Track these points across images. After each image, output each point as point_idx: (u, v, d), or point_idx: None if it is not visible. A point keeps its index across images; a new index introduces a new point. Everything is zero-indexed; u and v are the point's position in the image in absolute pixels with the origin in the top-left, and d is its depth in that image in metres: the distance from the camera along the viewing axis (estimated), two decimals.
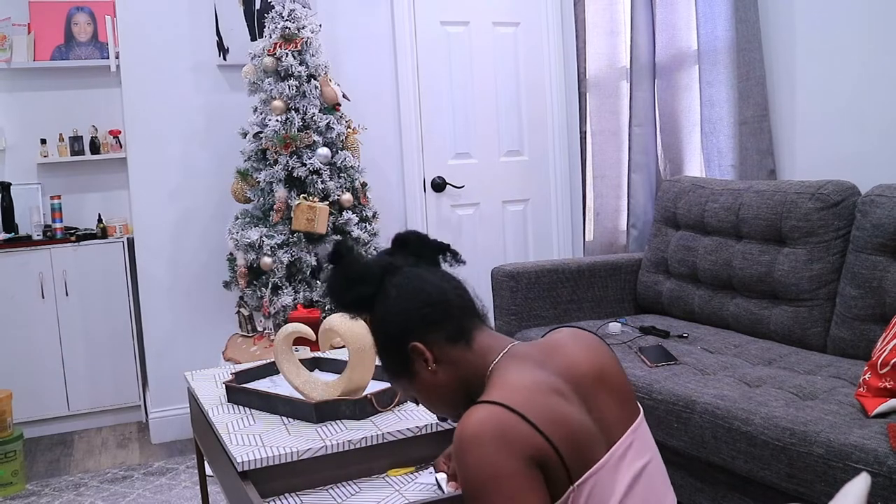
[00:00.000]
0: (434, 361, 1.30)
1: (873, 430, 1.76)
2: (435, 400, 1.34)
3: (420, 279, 1.34)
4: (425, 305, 1.31)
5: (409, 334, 1.30)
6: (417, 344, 1.29)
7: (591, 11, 3.85)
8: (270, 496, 1.60)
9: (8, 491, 3.03)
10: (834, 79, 2.82)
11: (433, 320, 1.30)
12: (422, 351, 1.29)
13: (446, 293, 1.33)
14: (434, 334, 1.30)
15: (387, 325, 1.32)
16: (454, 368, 1.31)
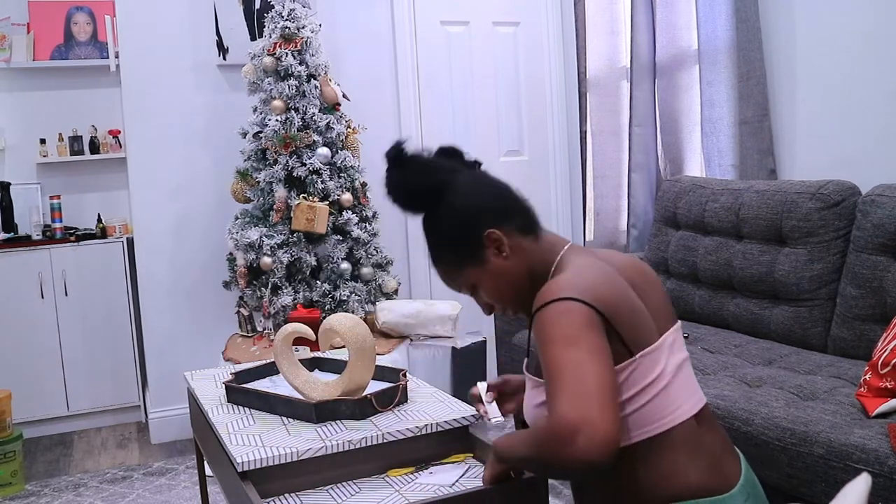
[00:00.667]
0: (509, 249, 1.39)
1: (874, 430, 1.76)
2: (503, 287, 1.41)
3: (485, 177, 1.44)
4: (499, 197, 1.41)
5: (485, 221, 1.38)
6: (494, 230, 1.37)
7: (592, 11, 3.85)
8: (270, 496, 1.60)
9: (7, 491, 3.03)
10: (834, 79, 2.82)
11: (507, 211, 1.40)
12: (498, 237, 1.38)
13: (511, 190, 1.43)
14: (508, 224, 1.39)
15: (460, 216, 1.39)
16: (524, 257, 1.40)
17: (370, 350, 1.81)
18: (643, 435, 1.29)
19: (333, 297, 3.13)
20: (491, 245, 1.39)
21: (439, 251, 1.44)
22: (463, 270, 1.43)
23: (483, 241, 1.39)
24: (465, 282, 1.45)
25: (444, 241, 1.43)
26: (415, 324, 3.11)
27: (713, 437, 1.37)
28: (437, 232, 1.43)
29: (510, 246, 1.40)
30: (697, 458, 1.31)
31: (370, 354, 1.81)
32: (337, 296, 3.13)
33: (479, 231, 1.39)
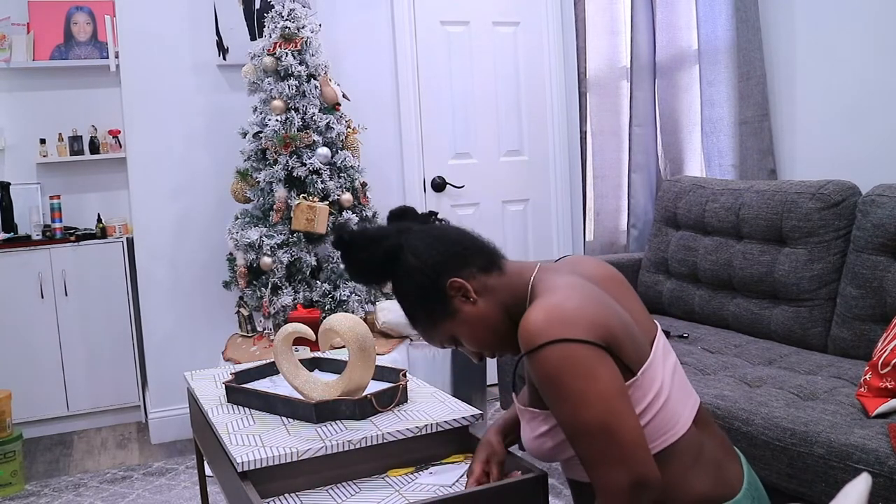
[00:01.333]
0: (474, 294, 1.36)
1: (874, 430, 1.75)
2: (481, 332, 1.39)
3: (436, 229, 1.43)
4: (452, 245, 1.39)
5: (443, 274, 1.36)
6: (456, 279, 1.36)
7: (592, 11, 3.85)
8: (270, 496, 1.60)
9: (7, 491, 3.03)
10: (834, 79, 2.82)
11: (463, 256, 1.38)
12: (461, 285, 1.36)
13: (465, 233, 1.43)
14: (467, 269, 1.37)
15: (418, 274, 1.37)
16: (494, 296, 1.38)
17: (370, 350, 1.81)
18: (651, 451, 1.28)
19: (333, 297, 3.13)
20: (456, 294, 1.37)
21: (412, 313, 1.43)
22: (438, 326, 1.40)
23: (447, 292, 1.37)
24: (443, 337, 1.42)
25: (413, 302, 1.41)
26: None
27: (713, 442, 1.36)
28: (403, 295, 1.42)
29: (475, 290, 1.37)
30: (700, 466, 1.30)
31: (370, 354, 1.81)
32: (337, 296, 3.12)
33: (441, 283, 1.37)
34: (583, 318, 1.22)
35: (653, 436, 1.28)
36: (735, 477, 1.33)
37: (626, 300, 1.38)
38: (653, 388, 1.28)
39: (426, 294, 1.38)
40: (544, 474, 1.49)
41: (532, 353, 1.21)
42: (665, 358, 1.35)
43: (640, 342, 1.30)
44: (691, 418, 1.32)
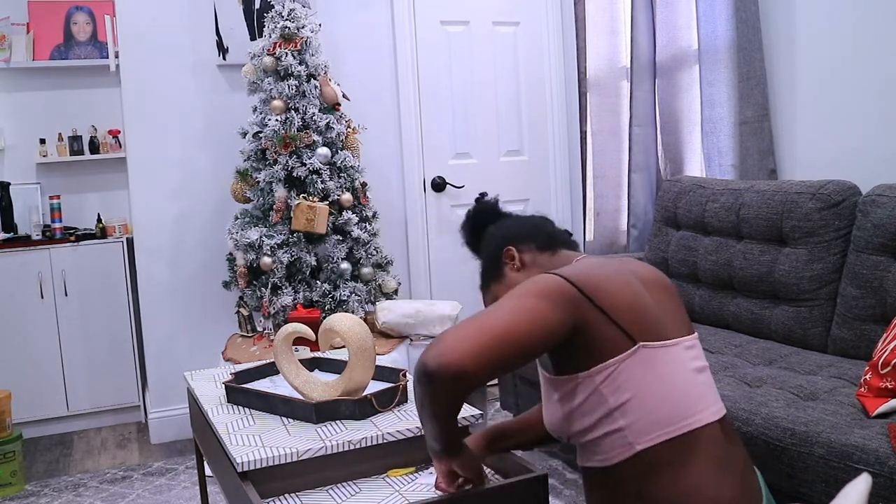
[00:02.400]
0: (521, 263, 1.56)
1: (874, 430, 1.75)
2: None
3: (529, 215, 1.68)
4: (525, 224, 1.62)
5: (506, 242, 1.58)
6: (510, 248, 1.57)
7: (592, 11, 3.85)
8: (270, 496, 1.60)
9: (7, 491, 3.03)
10: (834, 79, 2.82)
11: (528, 233, 1.59)
12: (512, 253, 1.57)
13: (546, 219, 1.65)
14: (528, 244, 1.58)
15: (492, 239, 1.61)
16: (538, 270, 1.54)
17: (370, 350, 1.81)
18: (665, 436, 1.29)
19: (333, 297, 3.13)
20: (508, 261, 1.57)
21: (481, 276, 1.64)
22: (489, 287, 1.61)
23: (502, 258, 1.58)
24: (490, 298, 1.61)
25: (482, 265, 1.63)
26: (415, 324, 3.11)
27: (737, 452, 1.37)
28: (481, 259, 1.64)
29: (522, 260, 1.56)
30: (727, 472, 1.30)
31: (370, 354, 1.81)
32: (337, 296, 3.12)
33: (499, 250, 1.59)
34: (577, 270, 1.37)
35: (667, 419, 1.30)
36: (756, 491, 1.34)
37: (664, 299, 1.43)
38: (664, 364, 1.32)
39: (490, 257, 1.60)
40: (544, 474, 1.49)
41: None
42: (691, 357, 1.39)
43: (656, 323, 1.35)
44: (713, 418, 1.34)
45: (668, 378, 1.31)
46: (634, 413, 1.30)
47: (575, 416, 1.36)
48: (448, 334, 1.23)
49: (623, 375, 1.31)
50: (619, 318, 1.31)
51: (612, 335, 1.31)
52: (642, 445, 1.30)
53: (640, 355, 1.31)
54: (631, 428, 1.31)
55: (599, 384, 1.32)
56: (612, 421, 1.32)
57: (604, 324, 1.31)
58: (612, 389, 1.31)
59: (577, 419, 1.36)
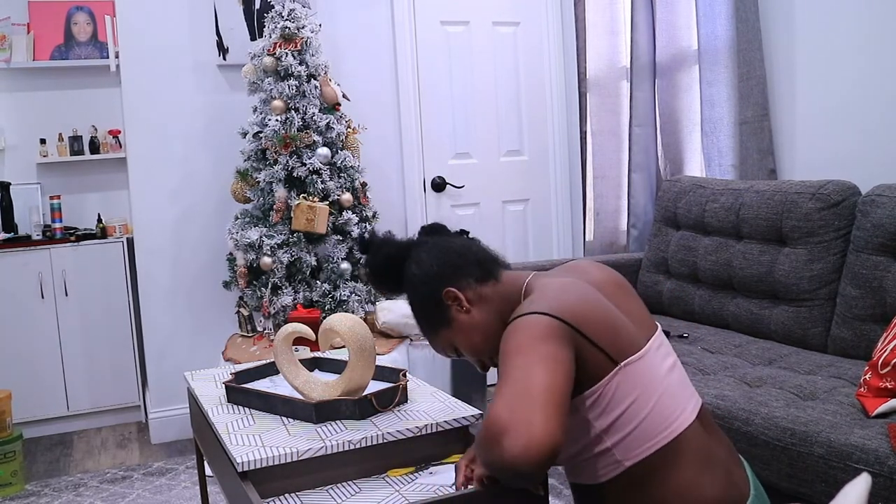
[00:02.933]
0: (468, 302, 1.44)
1: (874, 430, 1.76)
2: (476, 339, 1.45)
3: (445, 241, 1.51)
4: (451, 255, 1.47)
5: (441, 284, 1.44)
6: (451, 289, 1.44)
7: (592, 11, 3.85)
8: (270, 496, 1.60)
9: (7, 491, 3.03)
10: (834, 79, 2.82)
11: (460, 266, 1.46)
12: (455, 294, 1.44)
13: (469, 246, 1.51)
14: (464, 279, 1.45)
15: (420, 283, 1.46)
16: (488, 305, 1.44)
17: (370, 350, 1.81)
18: (653, 448, 1.29)
19: (333, 297, 3.13)
20: (452, 303, 1.45)
21: (417, 322, 1.52)
22: (438, 334, 1.49)
23: (443, 302, 1.45)
24: (444, 345, 1.50)
25: (416, 311, 1.50)
26: (415, 324, 3.10)
27: (720, 446, 1.36)
28: (410, 303, 1.50)
29: (469, 299, 1.44)
30: (710, 469, 1.30)
31: (370, 354, 1.81)
32: (337, 296, 3.13)
33: (437, 294, 1.45)
34: (555, 300, 1.30)
35: (654, 429, 1.29)
36: (743, 483, 1.33)
37: (623, 300, 1.41)
38: (644, 379, 1.30)
39: (425, 302, 1.46)
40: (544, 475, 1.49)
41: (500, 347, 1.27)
42: (662, 356, 1.36)
43: (629, 337, 1.32)
44: (693, 416, 1.33)
45: (648, 390, 1.30)
46: (620, 432, 1.29)
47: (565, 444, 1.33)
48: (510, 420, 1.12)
49: (606, 398, 1.30)
50: (602, 343, 1.29)
51: (595, 360, 1.29)
52: (631, 462, 1.29)
53: (621, 375, 1.30)
54: (618, 447, 1.30)
55: (584, 411, 1.30)
56: (599, 443, 1.31)
57: (589, 350, 1.28)
58: (596, 414, 1.30)
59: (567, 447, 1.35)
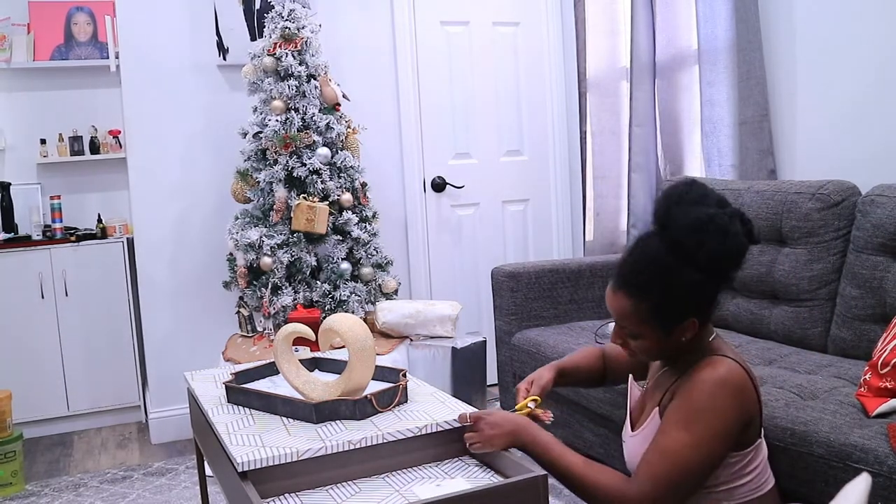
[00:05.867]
0: (689, 340, 1.56)
1: (874, 430, 1.76)
2: (660, 353, 1.60)
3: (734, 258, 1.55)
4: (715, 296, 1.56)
5: (695, 311, 1.53)
6: (695, 320, 1.54)
7: (591, 11, 3.85)
8: (270, 496, 1.60)
9: (7, 491, 3.03)
10: (834, 79, 2.82)
11: (711, 309, 1.57)
12: (693, 328, 1.55)
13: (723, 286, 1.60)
14: (705, 318, 1.57)
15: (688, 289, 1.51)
16: (684, 345, 1.58)
17: (370, 350, 1.81)
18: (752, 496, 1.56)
19: (333, 297, 3.13)
20: (685, 329, 1.54)
21: (647, 292, 1.53)
22: (644, 321, 1.55)
23: (682, 320, 1.53)
24: (634, 327, 1.57)
25: (660, 292, 1.52)
26: (415, 324, 3.11)
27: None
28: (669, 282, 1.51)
29: (691, 339, 1.57)
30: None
31: (370, 354, 1.81)
32: (337, 296, 3.13)
33: (687, 315, 1.53)
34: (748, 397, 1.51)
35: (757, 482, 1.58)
36: None
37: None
38: (763, 448, 1.60)
39: (673, 304, 1.52)
40: (544, 475, 1.49)
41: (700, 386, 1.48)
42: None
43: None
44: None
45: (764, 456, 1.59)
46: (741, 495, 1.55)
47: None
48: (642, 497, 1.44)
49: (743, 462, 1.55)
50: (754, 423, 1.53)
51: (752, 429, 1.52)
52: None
53: (757, 449, 1.54)
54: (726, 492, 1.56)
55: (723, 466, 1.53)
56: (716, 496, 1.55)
57: (755, 415, 1.52)
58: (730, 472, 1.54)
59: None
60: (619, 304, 1.56)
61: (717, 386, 1.46)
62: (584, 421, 2.71)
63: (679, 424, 1.45)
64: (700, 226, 1.48)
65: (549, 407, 2.89)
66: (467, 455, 1.75)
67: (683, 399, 1.48)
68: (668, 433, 1.46)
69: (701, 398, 1.46)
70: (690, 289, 1.51)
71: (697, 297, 1.53)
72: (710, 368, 1.49)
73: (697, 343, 1.59)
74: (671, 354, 1.61)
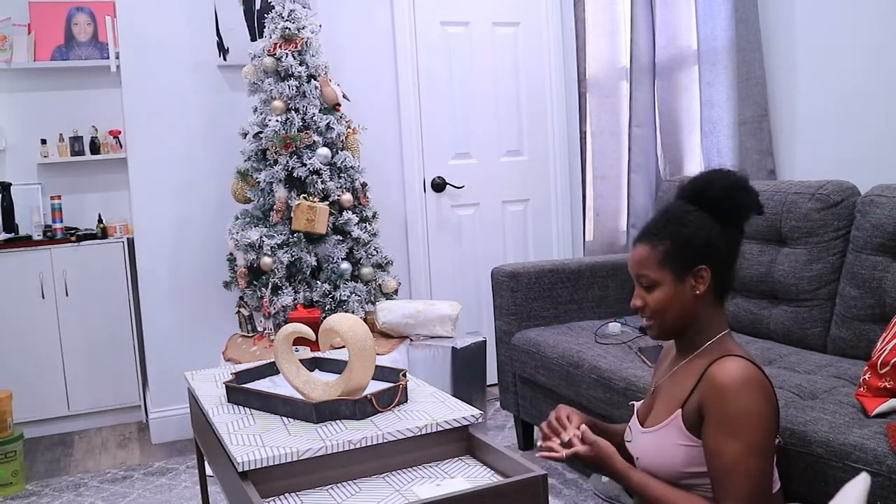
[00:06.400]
0: (702, 294, 1.61)
1: (873, 430, 1.76)
2: (674, 309, 1.63)
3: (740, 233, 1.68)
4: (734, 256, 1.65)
5: (708, 258, 1.60)
6: (707, 268, 1.60)
7: (591, 11, 3.85)
8: (270, 496, 1.60)
9: (8, 491, 3.04)
10: (834, 79, 2.83)
11: (727, 268, 1.64)
12: (705, 276, 1.61)
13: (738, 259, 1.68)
14: (717, 277, 1.62)
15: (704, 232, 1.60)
16: (703, 306, 1.62)
17: (370, 350, 1.82)
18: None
19: (333, 297, 3.13)
20: (698, 279, 1.61)
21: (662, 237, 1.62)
22: (661, 264, 1.62)
23: (693, 267, 1.60)
24: (651, 273, 1.62)
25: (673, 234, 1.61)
26: (415, 324, 3.11)
27: None
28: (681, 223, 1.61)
29: (705, 294, 1.61)
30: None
31: (370, 354, 1.82)
32: (337, 296, 3.13)
33: (700, 259, 1.60)
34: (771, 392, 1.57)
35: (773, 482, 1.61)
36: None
37: None
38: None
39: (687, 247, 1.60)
40: (544, 475, 1.50)
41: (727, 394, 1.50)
42: None
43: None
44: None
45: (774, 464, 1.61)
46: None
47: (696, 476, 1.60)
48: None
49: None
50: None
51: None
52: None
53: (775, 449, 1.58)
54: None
55: None
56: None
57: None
58: None
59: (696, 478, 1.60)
60: (637, 255, 1.65)
61: (743, 387, 1.50)
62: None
63: (727, 438, 1.49)
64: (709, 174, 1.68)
65: (550, 405, 2.89)
66: (467, 455, 1.75)
67: (717, 413, 1.51)
68: (721, 452, 1.50)
69: (735, 405, 1.50)
70: (698, 229, 1.60)
71: (706, 240, 1.60)
72: (726, 371, 1.52)
73: (708, 321, 1.63)
74: (684, 321, 1.64)
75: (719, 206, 1.63)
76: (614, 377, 2.45)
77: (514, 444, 3.23)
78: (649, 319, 1.67)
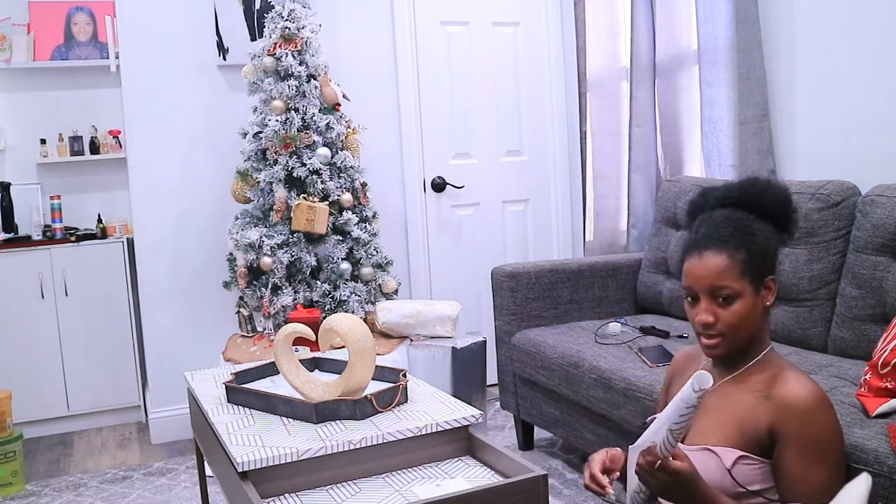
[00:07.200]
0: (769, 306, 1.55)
1: (874, 430, 1.76)
2: (749, 321, 1.52)
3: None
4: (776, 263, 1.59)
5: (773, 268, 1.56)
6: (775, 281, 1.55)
7: (591, 11, 3.85)
8: (270, 496, 1.60)
9: (7, 491, 3.03)
10: (834, 79, 2.82)
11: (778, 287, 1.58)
12: (774, 288, 1.55)
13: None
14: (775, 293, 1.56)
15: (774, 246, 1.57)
16: (763, 318, 1.55)
17: (370, 350, 1.81)
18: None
19: (333, 297, 3.13)
20: (767, 287, 1.54)
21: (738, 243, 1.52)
22: (743, 273, 1.51)
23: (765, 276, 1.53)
24: (733, 283, 1.50)
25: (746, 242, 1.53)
26: (415, 324, 3.11)
27: None
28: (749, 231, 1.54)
29: (770, 306, 1.56)
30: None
31: (370, 354, 1.82)
32: (337, 296, 3.13)
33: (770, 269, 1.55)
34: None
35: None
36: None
37: None
38: None
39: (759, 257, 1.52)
40: (544, 475, 1.49)
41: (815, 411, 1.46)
42: None
43: None
44: None
45: None
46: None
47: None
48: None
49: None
50: None
51: None
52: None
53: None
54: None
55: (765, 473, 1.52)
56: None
57: None
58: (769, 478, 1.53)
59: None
60: (712, 265, 1.51)
61: (819, 409, 1.46)
62: (584, 421, 2.71)
63: (815, 464, 1.45)
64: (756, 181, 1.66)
65: (550, 405, 2.89)
66: (467, 455, 1.75)
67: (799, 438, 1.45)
68: (808, 478, 1.44)
69: (816, 428, 1.45)
70: (767, 238, 1.55)
71: (775, 250, 1.56)
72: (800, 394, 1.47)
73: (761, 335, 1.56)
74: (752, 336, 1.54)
75: (775, 216, 1.59)
76: (614, 377, 2.45)
77: (514, 445, 3.23)
78: (716, 336, 1.52)
